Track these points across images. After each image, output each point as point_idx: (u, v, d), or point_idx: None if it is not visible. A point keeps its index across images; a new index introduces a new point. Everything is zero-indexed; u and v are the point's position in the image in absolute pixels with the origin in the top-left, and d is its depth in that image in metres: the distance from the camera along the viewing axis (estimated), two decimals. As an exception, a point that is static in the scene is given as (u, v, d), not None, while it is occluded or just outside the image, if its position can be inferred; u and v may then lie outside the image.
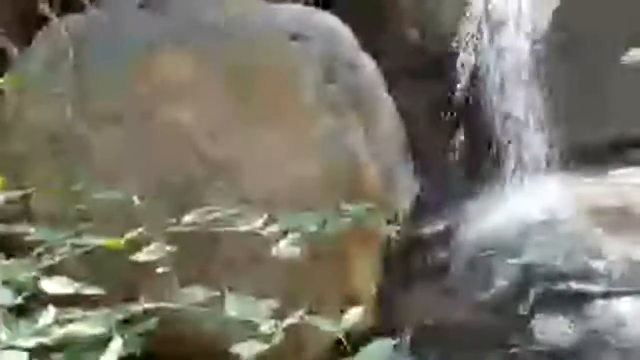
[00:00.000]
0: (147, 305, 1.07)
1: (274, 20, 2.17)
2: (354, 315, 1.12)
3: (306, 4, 2.56)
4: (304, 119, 2.03)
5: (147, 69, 2.00)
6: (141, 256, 1.16)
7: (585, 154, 2.99)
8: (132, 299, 1.12)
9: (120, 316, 1.03)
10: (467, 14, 3.37)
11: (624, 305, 2.21)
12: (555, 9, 2.98)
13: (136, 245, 1.19)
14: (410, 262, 2.81)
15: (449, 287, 2.60)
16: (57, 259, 1.09)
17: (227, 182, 2.01)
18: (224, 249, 1.96)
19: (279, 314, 1.03)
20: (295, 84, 2.02)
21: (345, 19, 2.51)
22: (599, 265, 2.40)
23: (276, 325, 0.97)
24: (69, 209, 1.39)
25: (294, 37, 2.11)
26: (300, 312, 1.06)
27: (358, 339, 1.02)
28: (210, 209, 1.38)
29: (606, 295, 2.28)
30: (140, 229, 1.16)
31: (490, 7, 3.31)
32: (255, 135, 2.00)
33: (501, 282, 2.49)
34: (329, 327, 1.07)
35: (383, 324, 2.36)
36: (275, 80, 2.03)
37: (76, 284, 1.02)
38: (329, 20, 2.40)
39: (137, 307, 1.08)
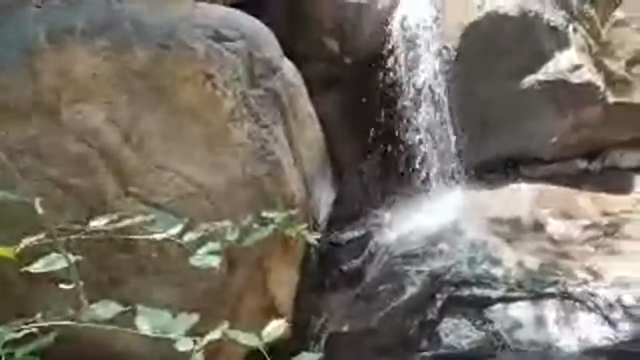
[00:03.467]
0: (43, 324, 0.95)
1: (197, 19, 2.07)
2: (275, 328, 1.09)
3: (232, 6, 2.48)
4: (225, 124, 1.95)
5: (53, 63, 1.81)
6: (38, 266, 1.03)
7: (485, 168, 3.23)
8: (25, 314, 0.99)
9: (9, 335, 0.91)
10: (385, 29, 3.50)
11: (519, 309, 2.42)
12: (462, 33, 3.19)
13: (34, 255, 1.06)
14: (327, 270, 2.84)
15: (364, 293, 2.67)
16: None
17: (140, 187, 1.88)
18: (137, 257, 1.83)
19: (194, 327, 0.98)
20: (216, 87, 1.94)
21: (268, 23, 2.48)
22: (497, 271, 2.60)
23: (195, 342, 0.91)
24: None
25: (217, 38, 2.03)
26: (223, 328, 1.01)
27: (274, 348, 0.99)
28: (122, 215, 1.27)
29: (504, 299, 2.47)
30: (38, 237, 1.03)
31: (405, 25, 3.46)
32: (172, 139, 1.89)
33: (411, 289, 2.60)
34: (250, 341, 1.03)
35: (300, 332, 2.36)
36: (194, 82, 1.93)
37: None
38: (253, 23, 2.35)
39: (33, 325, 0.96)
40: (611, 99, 2.97)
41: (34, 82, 1.78)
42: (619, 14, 3.28)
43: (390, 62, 3.44)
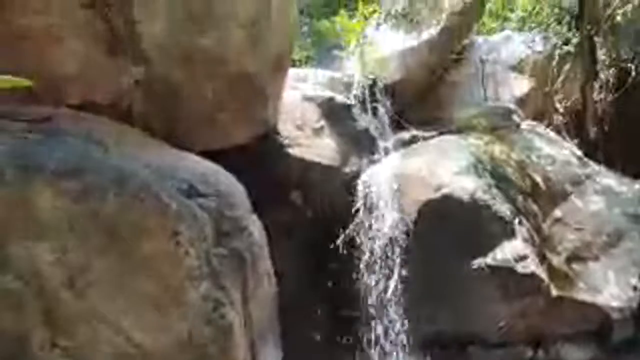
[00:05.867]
0: None
1: (175, 171, 2.11)
2: None
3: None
4: (181, 282, 1.88)
5: (14, 197, 1.76)
6: None
7: (435, 344, 3.18)
8: None
9: None
10: (348, 192, 3.67)
11: None
12: (419, 208, 3.37)
13: None
14: None
15: None
16: None
17: (71, 339, 1.72)
18: None
19: None
20: (180, 245, 1.91)
21: (235, 170, 2.55)
22: None
23: None
24: None
25: (190, 194, 2.06)
26: None
27: None
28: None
29: None
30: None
31: (367, 192, 3.66)
32: (121, 292, 1.78)
33: None
34: None
35: None
36: (158, 236, 1.89)
37: None
38: (229, 180, 2.41)
39: None
40: (554, 292, 3.11)
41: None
42: (557, 212, 3.63)
43: (350, 223, 3.55)
